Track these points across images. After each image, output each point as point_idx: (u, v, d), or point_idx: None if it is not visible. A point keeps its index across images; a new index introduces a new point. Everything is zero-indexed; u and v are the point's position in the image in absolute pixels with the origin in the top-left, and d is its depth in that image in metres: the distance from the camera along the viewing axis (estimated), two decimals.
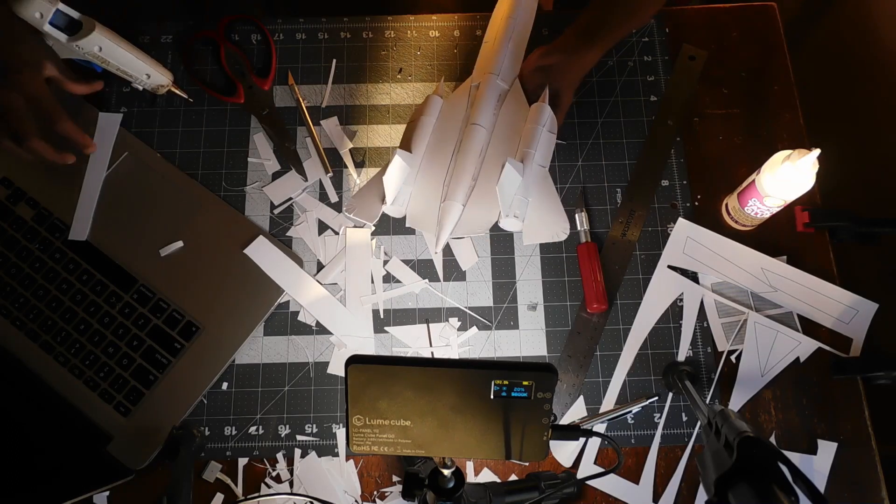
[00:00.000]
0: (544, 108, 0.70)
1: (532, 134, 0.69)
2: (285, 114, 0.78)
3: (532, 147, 0.68)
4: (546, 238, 0.70)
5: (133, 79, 0.73)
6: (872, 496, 0.66)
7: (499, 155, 0.70)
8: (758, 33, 0.81)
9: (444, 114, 0.72)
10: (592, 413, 0.68)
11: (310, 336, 0.70)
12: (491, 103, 0.72)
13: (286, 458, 0.67)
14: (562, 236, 0.70)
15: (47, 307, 0.69)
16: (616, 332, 0.71)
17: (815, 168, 0.63)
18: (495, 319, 0.71)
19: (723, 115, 0.78)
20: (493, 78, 0.72)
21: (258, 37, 0.81)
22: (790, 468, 0.45)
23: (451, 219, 0.68)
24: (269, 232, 0.73)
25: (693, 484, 0.66)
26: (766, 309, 0.71)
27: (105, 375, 0.67)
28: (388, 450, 0.47)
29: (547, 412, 0.45)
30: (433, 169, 0.70)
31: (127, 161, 0.74)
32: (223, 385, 0.69)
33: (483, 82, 0.72)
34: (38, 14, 0.66)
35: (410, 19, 0.82)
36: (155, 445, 0.65)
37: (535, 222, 0.70)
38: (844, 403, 0.68)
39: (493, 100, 0.72)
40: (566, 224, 0.70)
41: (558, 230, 0.70)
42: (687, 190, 0.76)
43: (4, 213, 0.72)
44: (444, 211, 0.68)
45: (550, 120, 0.70)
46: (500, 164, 0.67)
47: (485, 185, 0.69)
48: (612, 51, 0.80)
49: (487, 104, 0.71)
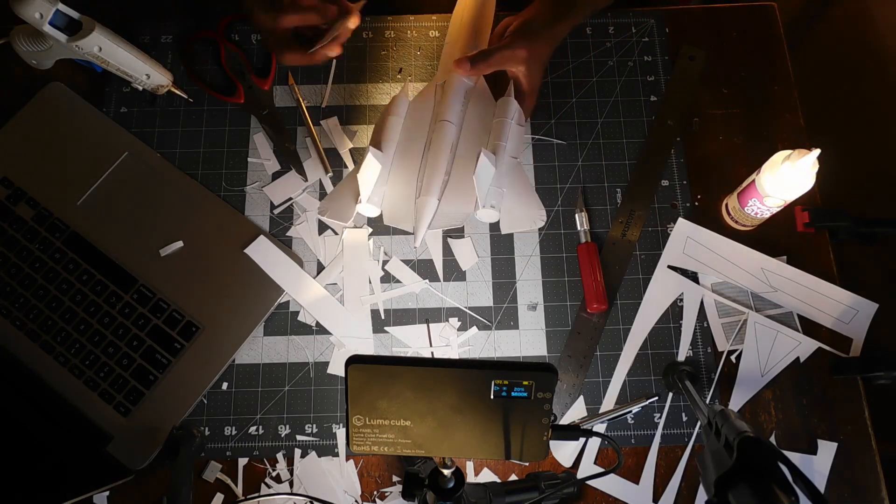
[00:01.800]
0: (510, 101, 0.71)
1: (501, 127, 0.70)
2: (285, 114, 0.78)
3: (502, 139, 0.69)
4: (524, 227, 0.71)
5: (133, 79, 0.73)
6: (872, 496, 0.66)
7: (470, 149, 0.71)
8: (758, 33, 0.81)
9: (412, 113, 0.73)
10: (592, 413, 0.68)
11: (310, 336, 0.70)
12: (458, 99, 0.72)
13: (286, 458, 0.67)
14: (538, 223, 0.71)
15: (47, 307, 0.69)
16: (616, 332, 0.71)
17: (815, 168, 0.63)
18: (495, 319, 0.71)
19: (723, 115, 0.78)
20: (459, 76, 0.72)
21: (258, 37, 0.81)
22: (790, 468, 0.45)
23: (428, 213, 0.68)
24: (269, 232, 0.73)
25: (693, 484, 0.66)
26: (766, 309, 0.71)
27: (105, 375, 0.67)
28: (388, 450, 0.47)
29: (547, 412, 0.45)
30: (405, 166, 0.71)
31: (127, 161, 0.74)
32: (223, 385, 0.69)
33: (448, 80, 0.73)
34: (38, 14, 0.66)
35: (410, 19, 0.82)
36: (155, 445, 0.65)
37: (512, 212, 0.70)
38: (844, 403, 0.68)
39: (460, 96, 0.72)
40: (542, 212, 0.71)
41: (535, 218, 0.71)
42: (687, 190, 0.76)
43: (4, 213, 0.72)
44: (420, 206, 0.69)
45: (518, 113, 0.71)
46: (472, 158, 0.68)
47: (458, 180, 0.70)
48: (612, 51, 0.81)
49: (455, 101, 0.72)
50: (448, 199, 0.69)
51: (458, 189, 0.69)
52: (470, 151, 0.71)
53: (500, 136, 0.69)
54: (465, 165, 0.70)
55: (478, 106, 0.73)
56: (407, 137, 0.72)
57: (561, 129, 0.78)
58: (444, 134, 0.71)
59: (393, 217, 0.71)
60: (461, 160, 0.71)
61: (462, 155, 0.71)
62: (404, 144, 0.72)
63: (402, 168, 0.71)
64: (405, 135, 0.72)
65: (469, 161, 0.70)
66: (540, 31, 0.71)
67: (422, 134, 0.72)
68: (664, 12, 0.82)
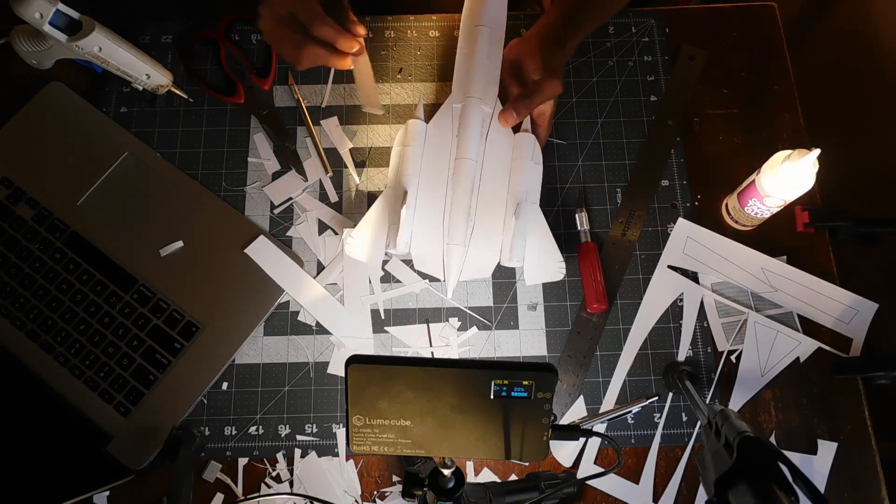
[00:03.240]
0: (528, 138, 0.70)
1: (521, 169, 0.69)
2: (285, 114, 0.78)
3: (524, 184, 0.69)
4: (545, 278, 0.69)
5: (133, 79, 0.73)
6: (872, 496, 0.66)
7: (490, 188, 0.69)
8: (758, 33, 0.81)
9: (431, 141, 0.71)
10: (592, 413, 0.68)
11: (310, 336, 0.70)
12: (476, 131, 0.70)
13: (286, 458, 0.67)
14: (558, 276, 0.68)
15: (47, 307, 0.69)
16: (616, 332, 0.71)
17: (815, 168, 0.63)
18: (495, 319, 0.71)
19: (723, 115, 0.78)
20: (476, 102, 0.70)
21: (258, 37, 0.81)
22: (790, 468, 0.45)
23: (457, 264, 0.67)
24: (269, 232, 0.73)
25: (693, 484, 0.66)
26: (766, 309, 0.71)
27: (105, 375, 0.67)
28: (388, 450, 0.47)
29: (547, 412, 0.45)
30: (430, 205, 0.69)
31: (127, 161, 0.74)
32: (223, 385, 0.69)
33: (465, 107, 0.70)
34: (38, 14, 0.66)
35: (410, 19, 0.82)
36: (155, 445, 0.65)
37: (533, 262, 0.69)
38: (844, 403, 0.68)
39: (479, 126, 0.70)
40: (562, 263, 0.69)
41: (555, 270, 0.69)
42: (687, 190, 0.76)
43: (4, 213, 0.72)
44: (448, 255, 0.67)
45: (535, 150, 0.70)
46: (493, 201, 0.68)
47: (482, 227, 0.68)
48: (612, 51, 0.81)
49: (473, 133, 0.70)
50: (474, 248, 0.68)
51: (483, 237, 0.68)
52: (490, 191, 0.69)
53: (520, 180, 0.69)
54: (486, 209, 0.69)
55: (495, 134, 0.71)
56: (428, 171, 0.70)
57: (561, 129, 0.78)
58: (464, 173, 0.69)
59: (422, 261, 0.69)
60: (483, 203, 0.69)
61: (484, 197, 0.69)
62: (426, 179, 0.70)
63: (426, 206, 0.69)
64: (427, 170, 0.70)
65: (490, 203, 0.69)
66: (562, 59, 0.69)
67: (443, 167, 0.70)
68: (664, 12, 0.82)
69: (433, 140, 0.71)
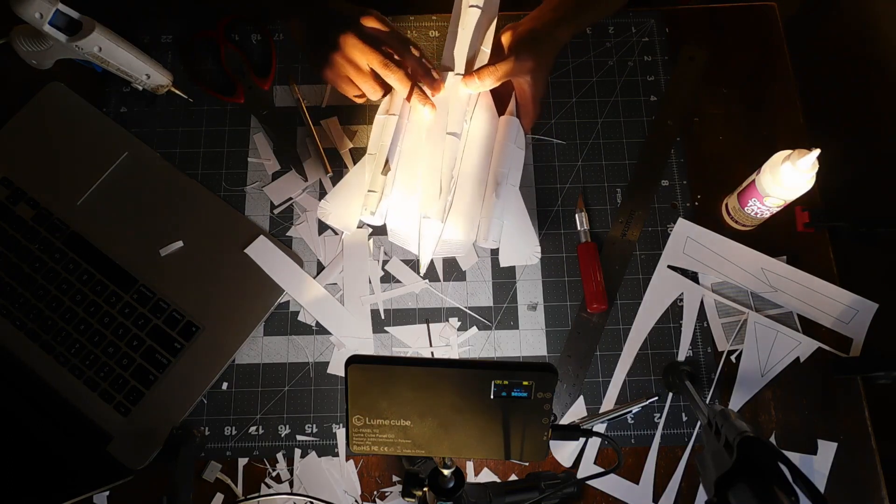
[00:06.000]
0: (512, 121, 0.70)
1: (503, 152, 0.69)
2: (285, 114, 0.78)
3: (505, 167, 0.69)
4: (519, 261, 0.70)
5: (133, 79, 0.73)
6: (872, 496, 0.66)
7: (471, 167, 0.69)
8: (758, 33, 0.81)
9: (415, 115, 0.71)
10: (592, 413, 0.68)
11: (310, 336, 0.70)
12: (460, 108, 0.70)
13: (286, 458, 0.67)
14: (533, 260, 0.70)
15: (47, 307, 0.69)
16: (616, 332, 0.71)
17: (815, 168, 0.63)
18: (495, 319, 0.71)
19: (723, 115, 0.78)
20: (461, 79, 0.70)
21: (258, 37, 0.81)
22: (790, 468, 0.45)
23: (432, 238, 0.66)
24: (269, 232, 0.73)
25: (693, 484, 0.66)
26: (766, 309, 0.71)
27: (105, 375, 0.67)
28: (388, 450, 0.47)
29: (547, 412, 0.45)
30: (409, 176, 0.69)
31: (127, 161, 0.74)
32: (223, 385, 0.69)
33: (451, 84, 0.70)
34: (38, 14, 0.66)
35: (410, 19, 0.82)
36: (155, 445, 0.65)
37: (509, 244, 0.70)
38: (844, 403, 0.68)
39: (463, 104, 0.70)
40: (537, 248, 0.70)
41: (530, 253, 0.70)
42: (687, 190, 0.76)
43: (4, 213, 0.72)
44: (424, 228, 0.66)
45: (519, 134, 0.70)
46: (473, 180, 0.68)
47: (460, 205, 0.68)
48: (612, 51, 0.81)
49: (457, 109, 0.69)
50: (450, 225, 0.68)
51: (460, 215, 0.68)
52: (471, 172, 0.69)
53: (502, 162, 0.69)
54: (466, 188, 0.68)
55: (480, 113, 0.71)
56: (410, 144, 0.70)
57: (561, 129, 0.78)
58: (447, 148, 0.68)
59: (396, 234, 0.70)
60: (463, 181, 0.69)
61: (464, 175, 0.69)
62: (407, 152, 0.70)
63: (405, 177, 0.69)
64: (408, 142, 0.70)
65: (470, 183, 0.68)
66: (545, 40, 0.70)
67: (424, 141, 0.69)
68: (664, 12, 0.82)
69: (417, 114, 0.71)
